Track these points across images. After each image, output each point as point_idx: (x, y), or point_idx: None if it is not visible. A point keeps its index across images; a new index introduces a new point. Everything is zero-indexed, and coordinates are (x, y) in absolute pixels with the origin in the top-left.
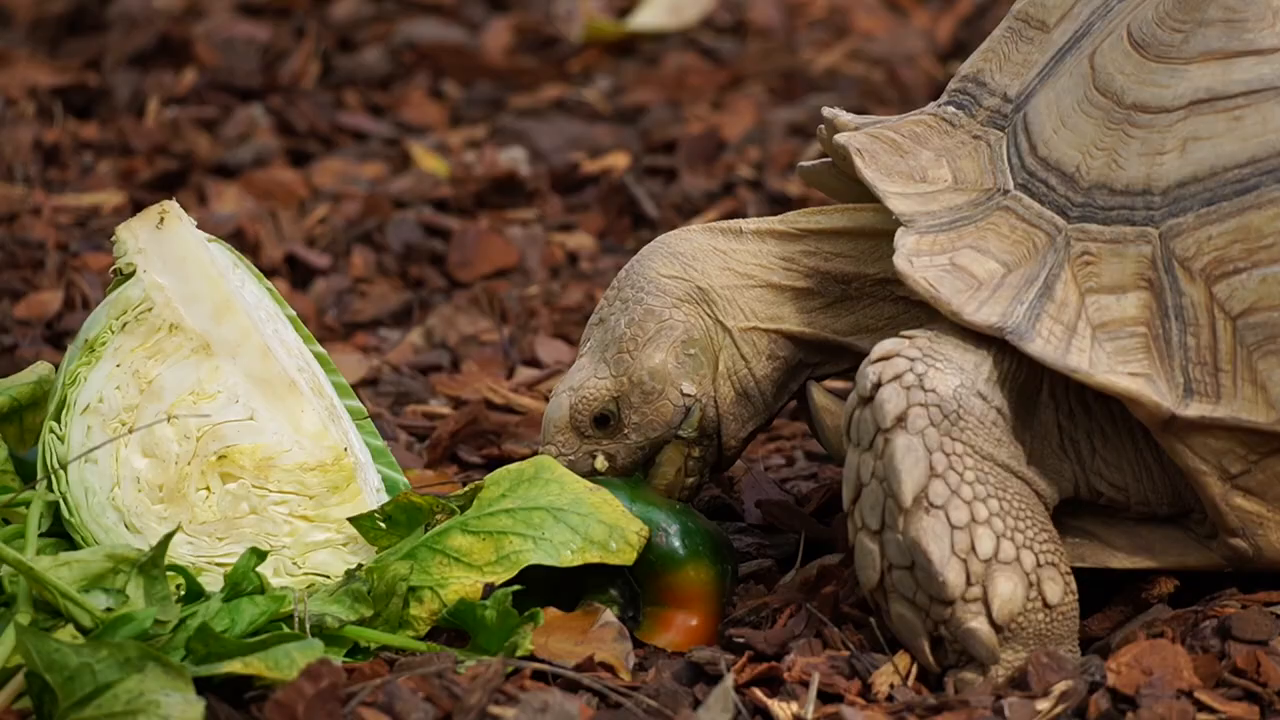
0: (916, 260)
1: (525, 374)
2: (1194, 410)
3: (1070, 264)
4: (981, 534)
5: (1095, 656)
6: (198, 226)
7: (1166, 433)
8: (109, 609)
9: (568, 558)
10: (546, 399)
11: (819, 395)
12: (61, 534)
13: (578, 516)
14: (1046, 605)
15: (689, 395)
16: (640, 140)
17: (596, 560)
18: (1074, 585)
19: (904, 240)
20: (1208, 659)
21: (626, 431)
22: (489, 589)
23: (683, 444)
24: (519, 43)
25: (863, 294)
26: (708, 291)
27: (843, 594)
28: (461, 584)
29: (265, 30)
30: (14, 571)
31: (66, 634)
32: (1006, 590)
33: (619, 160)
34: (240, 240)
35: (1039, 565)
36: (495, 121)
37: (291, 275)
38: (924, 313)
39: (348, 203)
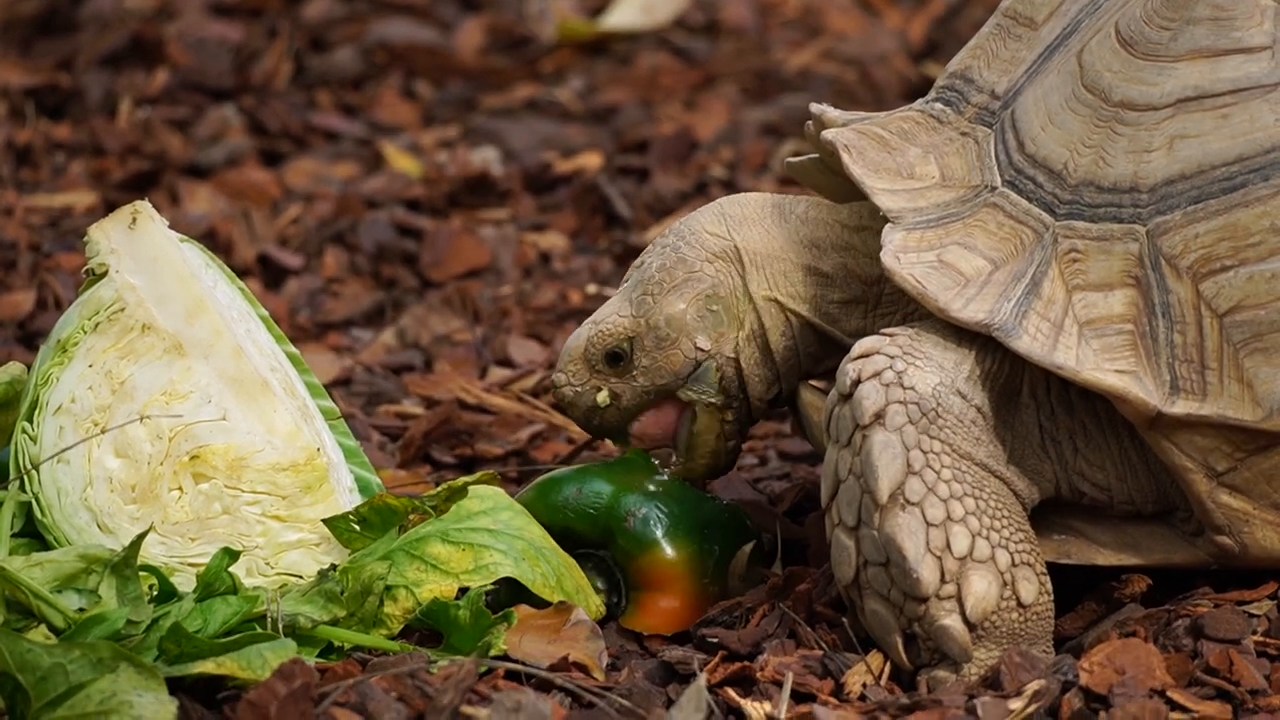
0: (904, 257)
1: (498, 374)
2: (1180, 408)
3: (1057, 261)
4: (957, 532)
5: (1068, 656)
6: (170, 227)
7: (1153, 430)
8: (81, 609)
9: (540, 588)
10: (519, 399)
11: (805, 392)
12: (34, 534)
13: (555, 563)
14: (1021, 605)
15: (702, 350)
16: (613, 140)
17: (563, 599)
18: (1049, 586)
19: (891, 237)
20: (1180, 658)
21: (635, 374)
22: (464, 591)
23: (714, 410)
24: (491, 43)
25: (879, 300)
26: (743, 254)
27: (816, 593)
28: (439, 587)
29: (237, 30)
30: None
31: (39, 634)
32: (981, 588)
33: (591, 160)
34: (213, 240)
35: (1014, 565)
36: (468, 121)
37: (264, 275)
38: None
39: (320, 203)
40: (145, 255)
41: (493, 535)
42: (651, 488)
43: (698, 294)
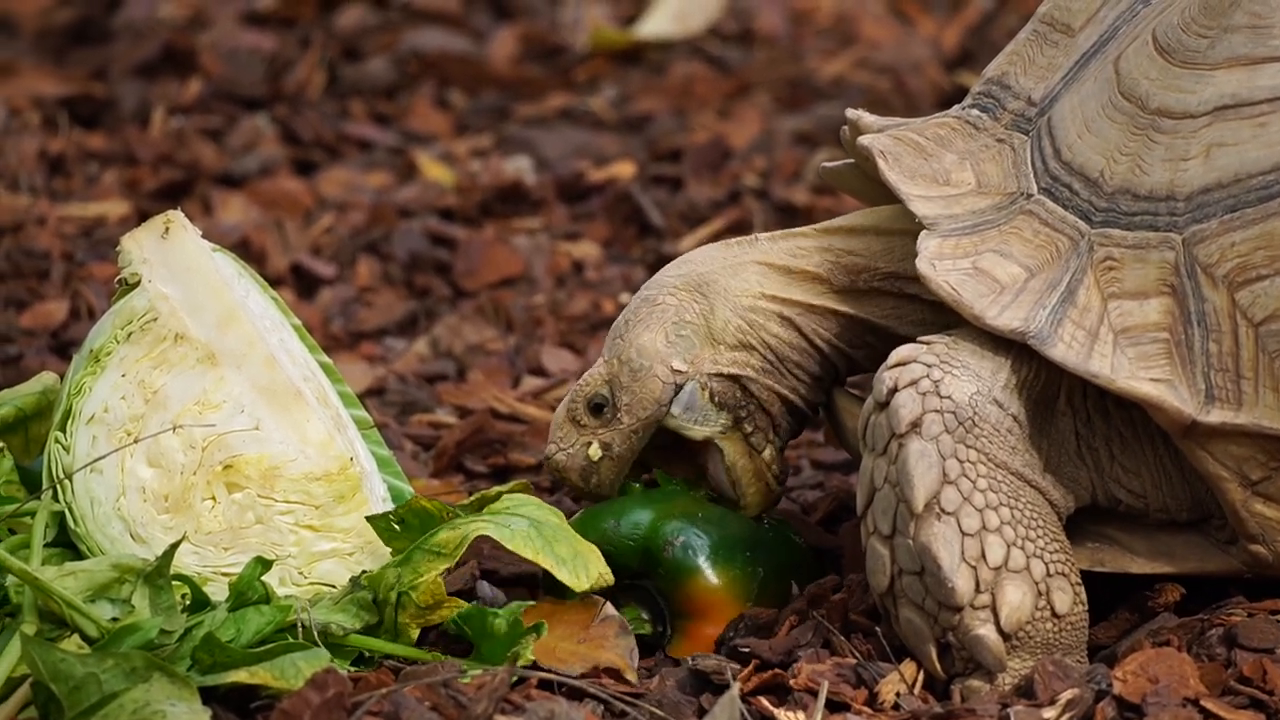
0: (939, 264)
1: (531, 383)
2: (1215, 416)
3: (1093, 269)
4: (992, 542)
5: (1101, 665)
6: (203, 236)
7: (1187, 439)
8: (115, 619)
9: (522, 548)
10: (552, 408)
11: (841, 399)
12: (67, 544)
13: (550, 530)
14: (1055, 615)
15: (678, 371)
16: (646, 149)
17: (548, 567)
18: (1083, 596)
19: (927, 243)
20: (1214, 667)
21: (620, 414)
22: (477, 582)
23: (732, 435)
24: (525, 52)
25: (870, 288)
26: (707, 276)
27: (852, 602)
28: (427, 581)
29: (270, 40)
30: (20, 581)
31: (72, 644)
32: (1015, 598)
33: (625, 169)
34: (245, 250)
35: (1049, 575)
36: (501, 130)
37: (297, 285)
38: (928, 308)
39: (353, 212)
40: (178, 265)
41: (492, 515)
42: (690, 513)
43: (664, 321)
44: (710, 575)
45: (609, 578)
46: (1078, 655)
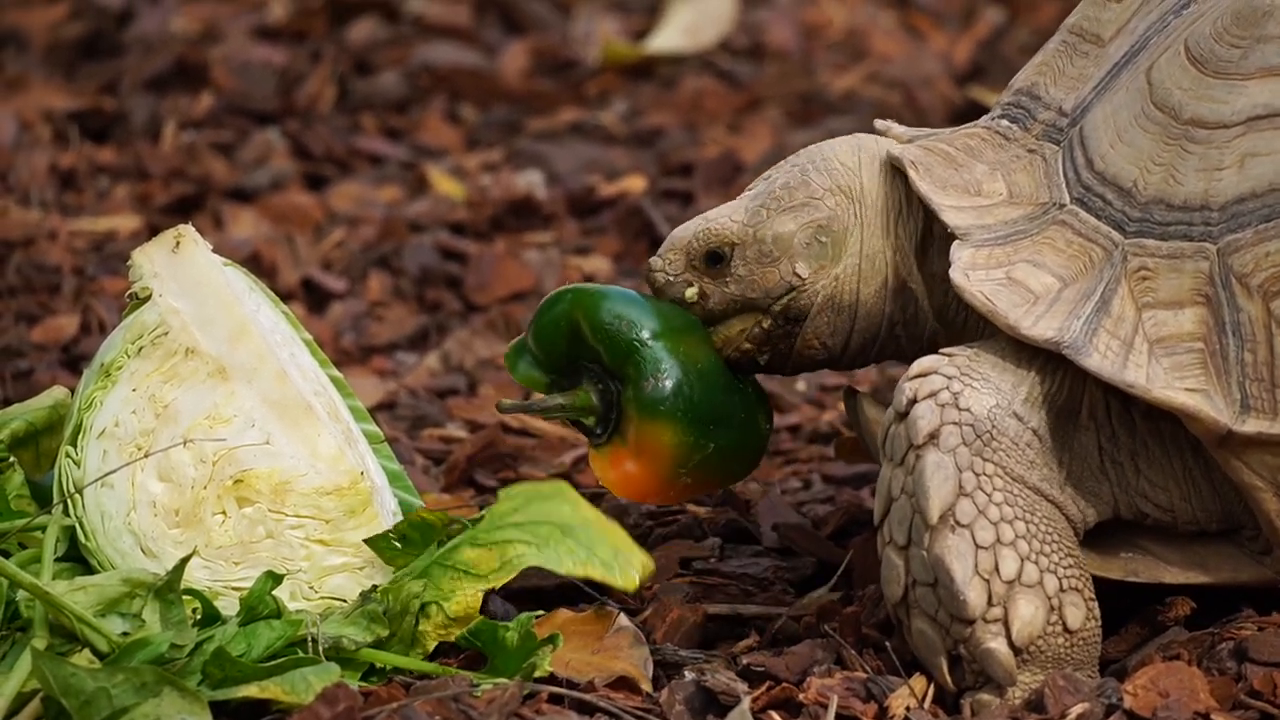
0: (973, 274)
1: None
2: (1251, 426)
3: (1127, 279)
4: (1006, 555)
5: (1111, 679)
6: (214, 250)
7: (1222, 449)
8: (125, 633)
9: (569, 566)
10: (562, 423)
11: (868, 407)
12: (78, 558)
13: (586, 535)
14: (1067, 630)
15: (799, 277)
16: (657, 163)
17: (598, 577)
18: (1097, 612)
19: (960, 253)
20: (1224, 681)
21: (729, 280)
22: (490, 596)
23: (761, 312)
24: (535, 66)
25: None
26: (865, 196)
27: (863, 616)
28: (465, 595)
29: (282, 54)
30: (30, 596)
31: (83, 658)
32: (1027, 613)
33: (635, 183)
34: (256, 264)
35: (1062, 590)
36: (512, 145)
37: (308, 299)
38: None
39: (364, 226)
40: (189, 279)
41: (519, 529)
42: (691, 359)
43: (811, 221)
44: (662, 428)
45: (651, 565)
46: (1089, 671)
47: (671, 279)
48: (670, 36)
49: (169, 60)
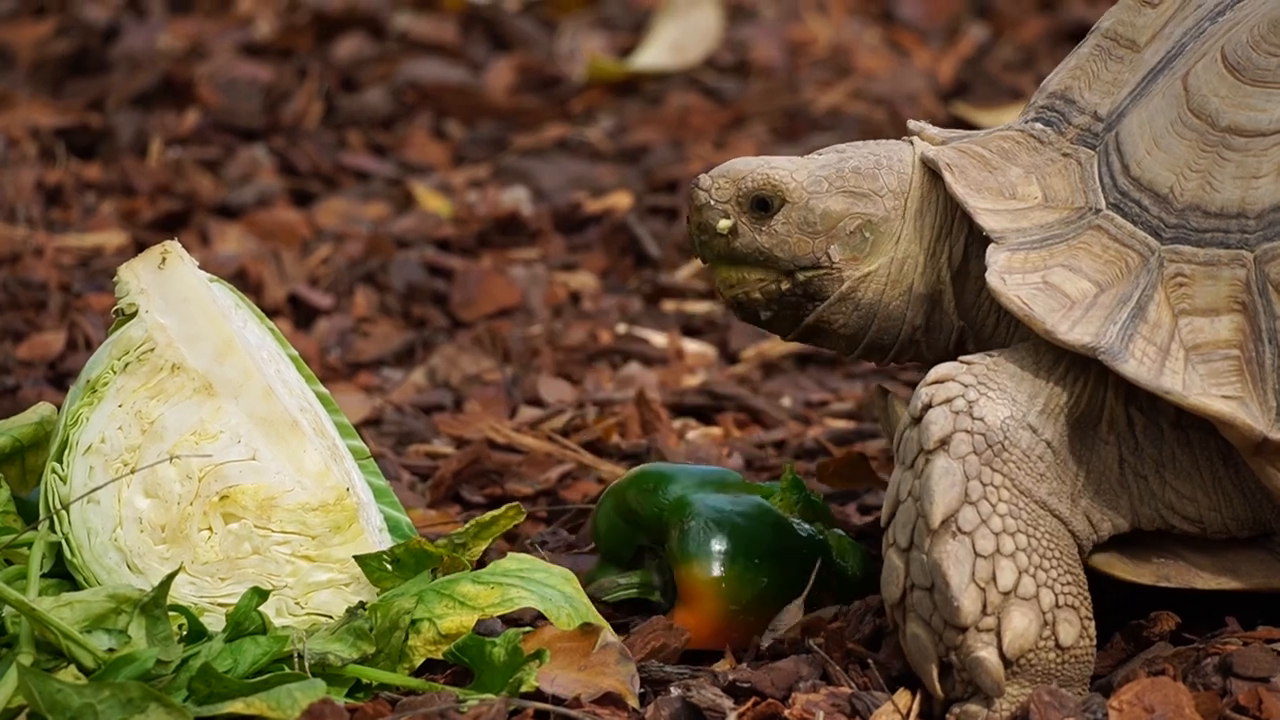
0: (1009, 278)
1: (528, 413)
2: None
3: (1163, 285)
4: (1004, 566)
5: (1097, 694)
6: (200, 267)
7: (1257, 456)
8: (111, 649)
9: (564, 620)
10: (549, 439)
11: (899, 407)
12: (64, 575)
13: (586, 611)
14: (1059, 646)
15: (829, 258)
16: (643, 180)
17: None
18: (1092, 631)
19: (996, 257)
20: (1209, 696)
21: (763, 230)
22: (483, 623)
23: (779, 277)
24: (521, 82)
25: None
26: (914, 207)
27: (849, 631)
28: (459, 616)
29: (267, 71)
30: (16, 612)
31: (69, 675)
32: (1020, 625)
33: (621, 200)
34: (243, 280)
35: (1057, 605)
36: (498, 161)
37: (294, 315)
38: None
39: (350, 243)
40: (175, 295)
41: (524, 580)
42: (722, 505)
43: (864, 213)
44: (698, 568)
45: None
46: (1078, 689)
47: (713, 203)
48: (656, 53)
49: (155, 77)
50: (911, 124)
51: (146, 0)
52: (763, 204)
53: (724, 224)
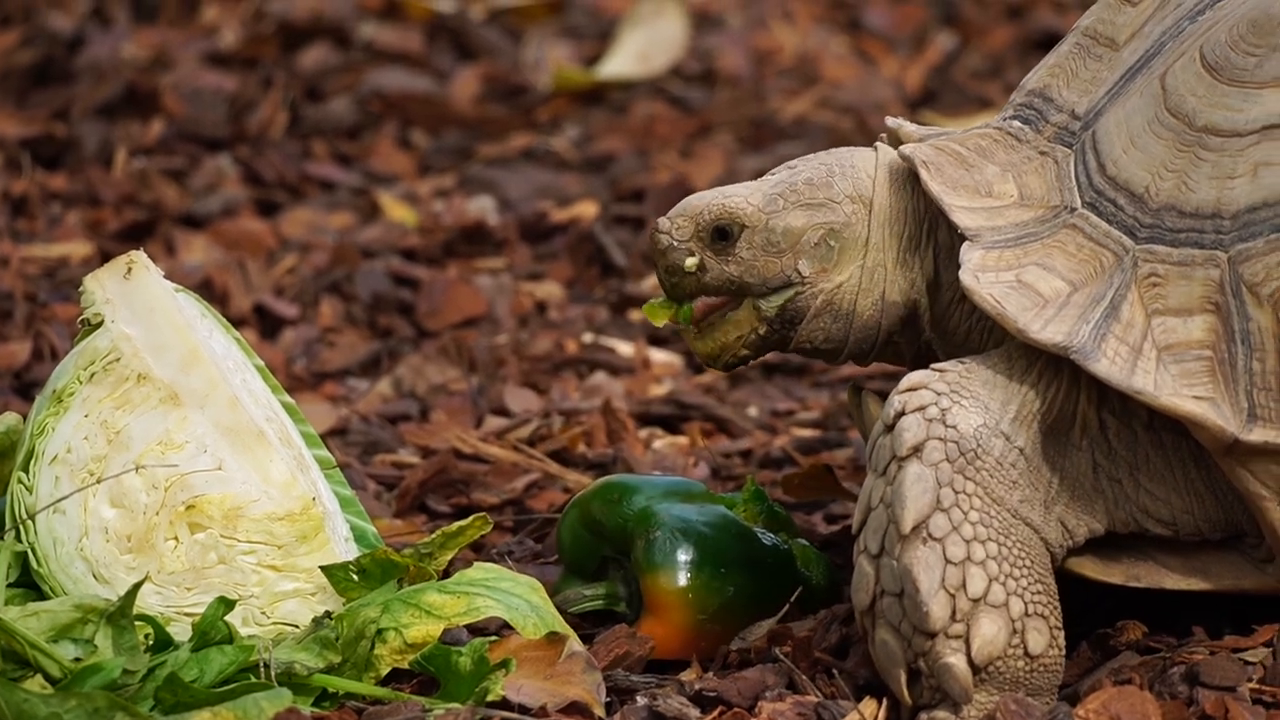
0: (982, 276)
1: (494, 423)
2: (1257, 435)
3: (1137, 285)
4: (974, 573)
5: (1063, 703)
6: (166, 277)
7: (1228, 457)
8: (77, 659)
9: (530, 630)
10: (515, 448)
11: (873, 404)
12: (30, 584)
13: (550, 617)
14: (1028, 654)
15: (800, 274)
16: (609, 189)
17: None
18: (1061, 641)
19: (970, 255)
20: (1176, 705)
21: (730, 260)
22: (449, 632)
23: (758, 317)
24: (487, 92)
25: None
26: (880, 213)
27: (815, 639)
28: (425, 626)
29: (232, 81)
30: None
31: (35, 684)
32: (989, 632)
33: (587, 209)
34: (208, 290)
35: (1026, 614)
36: (463, 171)
37: (260, 325)
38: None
39: (316, 252)
40: (141, 305)
41: (489, 590)
42: (687, 515)
43: (825, 222)
44: (664, 577)
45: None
46: (1046, 699)
47: (676, 244)
48: (622, 62)
49: (120, 87)
50: (890, 121)
51: (111, 10)
52: (723, 234)
53: (690, 262)
